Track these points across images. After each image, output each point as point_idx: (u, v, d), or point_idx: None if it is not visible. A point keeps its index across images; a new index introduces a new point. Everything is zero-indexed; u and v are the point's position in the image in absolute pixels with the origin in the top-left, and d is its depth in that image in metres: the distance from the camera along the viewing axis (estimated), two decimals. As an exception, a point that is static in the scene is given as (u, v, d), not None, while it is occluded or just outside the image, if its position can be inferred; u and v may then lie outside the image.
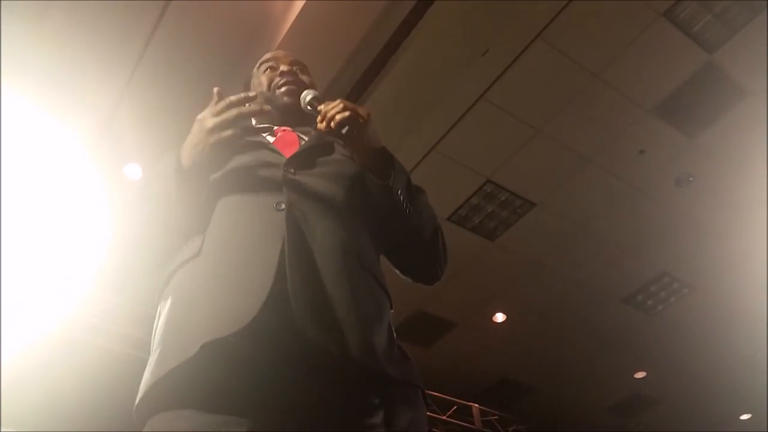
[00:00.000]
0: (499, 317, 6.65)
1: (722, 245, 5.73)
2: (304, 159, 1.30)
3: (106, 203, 4.71)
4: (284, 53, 1.60)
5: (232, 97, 1.22)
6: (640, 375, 7.49)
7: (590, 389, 7.68)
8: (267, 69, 1.55)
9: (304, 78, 1.52)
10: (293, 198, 1.20)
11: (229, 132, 1.19)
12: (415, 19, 3.67)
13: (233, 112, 1.20)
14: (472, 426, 6.94)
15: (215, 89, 1.27)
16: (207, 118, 1.21)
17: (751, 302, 6.31)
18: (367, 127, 1.30)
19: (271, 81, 1.50)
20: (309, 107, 1.38)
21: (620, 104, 4.62)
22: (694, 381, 7.49)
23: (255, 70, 1.59)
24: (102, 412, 4.52)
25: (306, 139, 1.39)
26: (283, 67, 1.52)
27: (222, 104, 1.21)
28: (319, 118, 1.30)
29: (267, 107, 1.30)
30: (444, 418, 6.71)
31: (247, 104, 1.23)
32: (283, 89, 1.48)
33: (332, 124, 1.27)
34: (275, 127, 1.42)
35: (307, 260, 1.12)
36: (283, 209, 1.17)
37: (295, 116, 1.44)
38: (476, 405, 7.09)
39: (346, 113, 1.27)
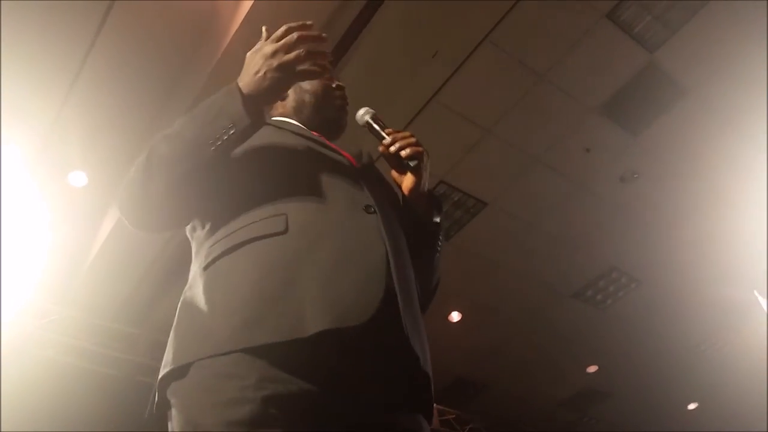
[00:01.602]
0: (455, 316, 6.71)
1: (667, 239, 5.90)
2: (367, 172, 1.34)
3: (48, 212, 4.59)
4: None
5: (291, 24, 1.19)
6: (592, 369, 7.65)
7: (545, 384, 7.81)
8: None
9: None
10: (375, 204, 1.22)
11: (293, 54, 1.16)
12: (363, 22, 3.68)
13: (295, 35, 1.16)
14: (430, 426, 6.97)
15: (263, 27, 1.25)
16: (266, 45, 1.17)
17: (696, 295, 6.52)
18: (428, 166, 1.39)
19: (326, 87, 1.52)
20: (366, 124, 1.42)
21: (566, 104, 4.71)
22: (644, 373, 7.68)
23: None
24: (49, 422, 4.41)
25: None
26: (337, 82, 1.55)
27: (281, 30, 1.17)
28: (387, 140, 1.36)
29: (325, 34, 1.25)
30: (402, 419, 6.72)
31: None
32: (338, 102, 1.51)
33: (403, 152, 1.33)
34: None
35: (401, 267, 1.16)
36: (373, 212, 1.19)
37: (328, 128, 1.47)
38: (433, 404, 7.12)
39: (420, 147, 1.35)
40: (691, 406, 8.57)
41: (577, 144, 5.02)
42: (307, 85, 1.52)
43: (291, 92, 1.54)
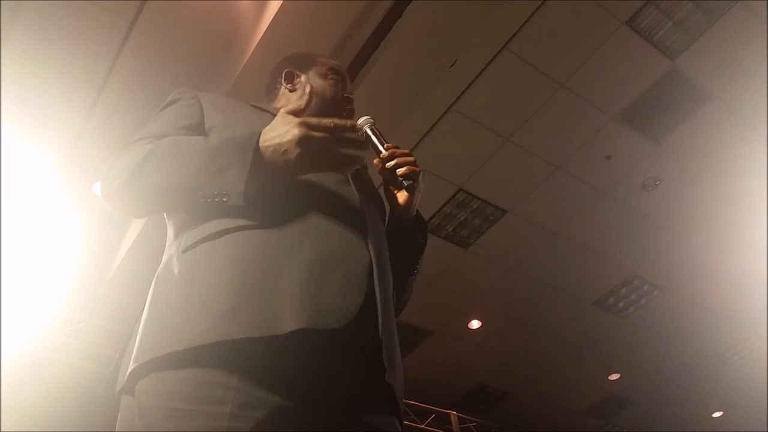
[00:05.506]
0: (475, 324, 6.69)
1: (689, 246, 5.85)
2: (360, 178, 1.32)
3: (75, 222, 4.65)
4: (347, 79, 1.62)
5: (337, 120, 1.11)
6: (614, 377, 7.59)
7: (566, 393, 7.75)
8: (334, 79, 1.54)
9: None
10: (365, 209, 1.22)
11: (323, 155, 1.09)
12: (384, 32, 3.70)
13: (332, 134, 1.09)
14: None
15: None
16: (301, 124, 1.09)
17: (720, 301, 6.45)
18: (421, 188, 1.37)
19: (337, 95, 1.52)
20: (364, 135, 1.36)
21: (586, 111, 4.70)
22: (667, 381, 7.61)
23: (318, 66, 1.56)
24: (73, 426, 4.46)
25: None
26: (347, 94, 1.54)
27: (326, 121, 1.10)
28: (384, 154, 1.32)
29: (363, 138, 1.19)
30: (422, 426, 6.72)
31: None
32: (344, 115, 1.49)
33: (400, 170, 1.31)
34: None
35: (383, 276, 1.15)
36: (362, 217, 1.19)
37: None
38: (454, 412, 7.11)
39: (417, 168, 1.33)
40: (716, 415, 8.46)
41: (598, 151, 4.99)
42: (318, 87, 1.51)
43: (300, 90, 1.53)
